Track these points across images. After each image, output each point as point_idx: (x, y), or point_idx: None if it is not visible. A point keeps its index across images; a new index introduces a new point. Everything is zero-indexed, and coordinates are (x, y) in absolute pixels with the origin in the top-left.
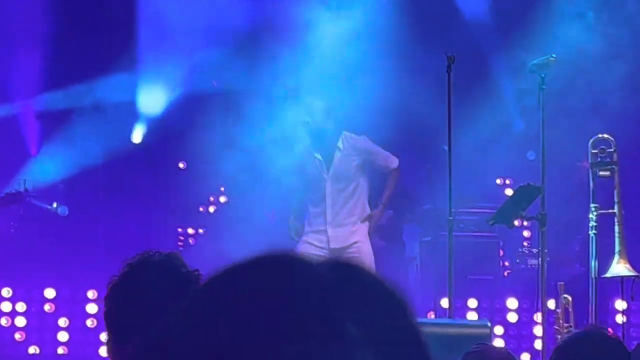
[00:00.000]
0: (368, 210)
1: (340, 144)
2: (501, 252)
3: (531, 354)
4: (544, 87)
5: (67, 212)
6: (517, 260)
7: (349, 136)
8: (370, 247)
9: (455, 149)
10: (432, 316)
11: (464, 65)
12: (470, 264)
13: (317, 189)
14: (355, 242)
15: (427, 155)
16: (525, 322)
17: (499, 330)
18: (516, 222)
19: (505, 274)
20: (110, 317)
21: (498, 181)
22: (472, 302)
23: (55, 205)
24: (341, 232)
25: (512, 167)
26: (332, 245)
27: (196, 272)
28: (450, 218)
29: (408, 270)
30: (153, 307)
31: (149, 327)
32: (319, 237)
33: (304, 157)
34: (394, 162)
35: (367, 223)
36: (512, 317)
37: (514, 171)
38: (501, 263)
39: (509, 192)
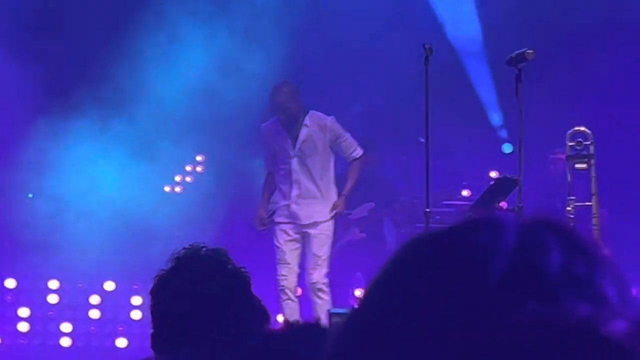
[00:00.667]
0: (334, 189)
1: (306, 121)
2: None
3: None
4: (521, 80)
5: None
6: None
7: (315, 114)
8: (332, 227)
9: (432, 141)
10: None
11: (442, 56)
12: None
13: (284, 166)
14: (318, 222)
15: (404, 147)
16: None
17: None
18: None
19: None
20: (157, 311)
21: (492, 174)
22: None
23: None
24: (304, 207)
25: (490, 159)
26: (295, 220)
27: (243, 269)
28: (428, 210)
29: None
30: (200, 302)
31: (194, 321)
32: (285, 212)
33: (271, 134)
34: (358, 152)
35: (331, 200)
36: None
37: (492, 163)
38: None
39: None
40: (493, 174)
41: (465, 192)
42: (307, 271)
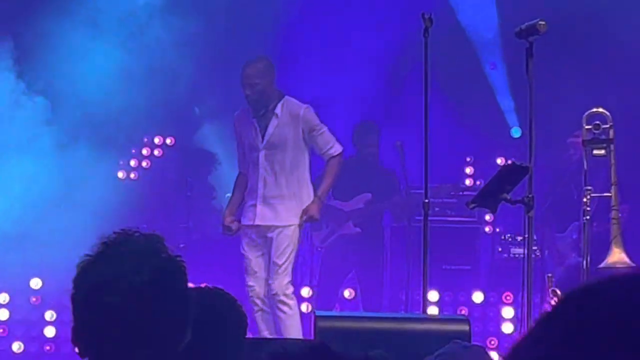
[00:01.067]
0: (307, 188)
1: (278, 110)
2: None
3: None
4: (532, 54)
5: None
6: (499, 249)
7: (289, 102)
8: (298, 234)
9: (432, 124)
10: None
11: (444, 27)
12: (446, 253)
13: (252, 159)
14: (282, 226)
15: (400, 132)
16: None
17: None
18: None
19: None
20: (78, 301)
21: (499, 161)
22: (448, 296)
23: None
24: (270, 208)
25: (497, 144)
26: (257, 222)
27: (178, 258)
28: (426, 200)
29: (382, 261)
30: (127, 293)
31: (119, 314)
32: (250, 214)
33: (241, 124)
34: (336, 148)
35: (302, 201)
36: (493, 313)
37: (500, 149)
38: (481, 252)
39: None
40: (499, 161)
41: (468, 182)
42: (267, 281)
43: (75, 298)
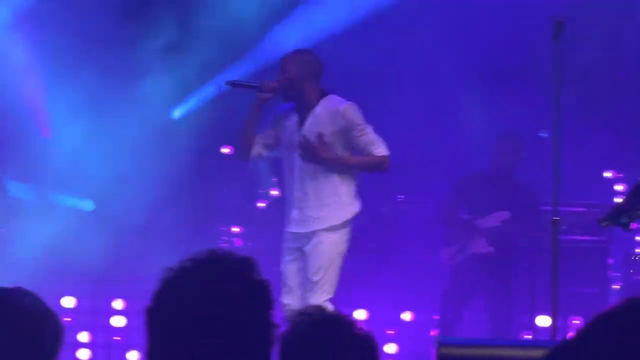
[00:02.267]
0: (347, 192)
1: (318, 107)
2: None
3: None
4: None
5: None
6: (631, 270)
7: (331, 98)
8: (335, 239)
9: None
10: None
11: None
12: (572, 274)
13: (288, 160)
14: (317, 230)
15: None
16: None
17: None
18: None
19: (616, 286)
20: (155, 322)
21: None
22: (576, 321)
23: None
24: (306, 214)
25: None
26: (294, 229)
27: (267, 283)
28: (556, 218)
29: (511, 284)
30: (211, 318)
31: (203, 340)
32: (288, 220)
33: (281, 119)
34: (381, 150)
35: (341, 206)
36: None
37: (629, 162)
38: (610, 273)
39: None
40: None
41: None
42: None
43: (152, 314)
